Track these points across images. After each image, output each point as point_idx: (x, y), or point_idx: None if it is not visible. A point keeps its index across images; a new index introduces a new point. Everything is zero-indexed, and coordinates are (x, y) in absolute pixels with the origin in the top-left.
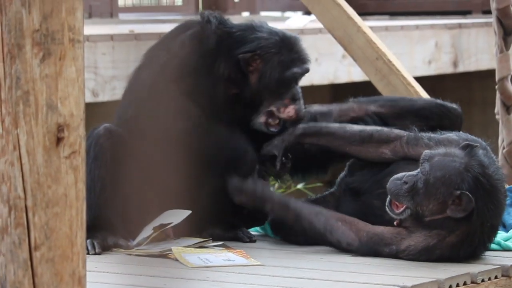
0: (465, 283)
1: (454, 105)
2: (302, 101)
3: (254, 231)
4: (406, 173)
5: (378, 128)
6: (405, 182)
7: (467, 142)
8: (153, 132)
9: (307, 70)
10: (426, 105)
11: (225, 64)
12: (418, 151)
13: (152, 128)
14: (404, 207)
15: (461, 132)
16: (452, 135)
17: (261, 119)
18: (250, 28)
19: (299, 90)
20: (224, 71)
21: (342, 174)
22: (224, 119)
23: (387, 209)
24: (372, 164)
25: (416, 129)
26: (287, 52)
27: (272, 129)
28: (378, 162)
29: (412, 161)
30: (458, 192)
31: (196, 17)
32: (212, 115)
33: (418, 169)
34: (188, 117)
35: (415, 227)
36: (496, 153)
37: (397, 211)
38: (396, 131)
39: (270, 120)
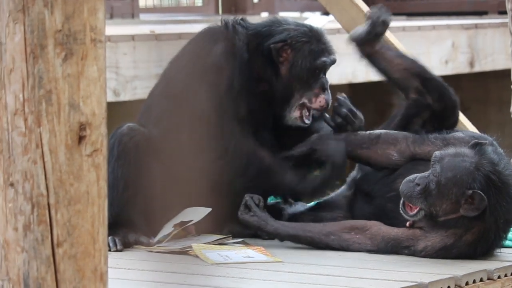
0: (481, 280)
1: (454, 96)
2: (329, 91)
3: None
4: (418, 174)
5: (385, 130)
6: (417, 184)
7: (476, 140)
8: (181, 131)
9: (334, 60)
10: (434, 80)
11: (255, 63)
12: (425, 149)
13: (181, 127)
14: (417, 208)
15: (466, 130)
16: (458, 133)
17: (295, 113)
18: (275, 23)
19: (328, 80)
20: (254, 69)
21: (352, 174)
22: (254, 120)
23: (401, 211)
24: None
25: (423, 131)
26: (316, 42)
27: (306, 121)
28: (386, 165)
29: (420, 162)
30: (470, 191)
31: (218, 23)
32: (243, 115)
33: (430, 171)
34: (217, 118)
35: (430, 227)
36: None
37: (411, 213)
38: (403, 132)
39: (303, 112)
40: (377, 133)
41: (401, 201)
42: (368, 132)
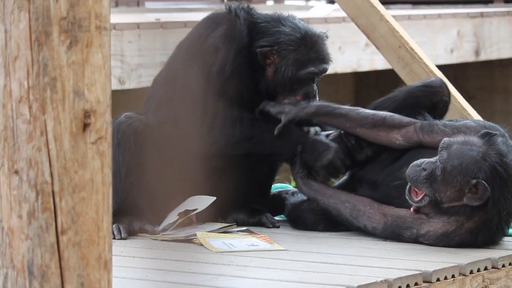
0: (486, 268)
1: (432, 79)
2: (316, 99)
3: (278, 217)
4: (425, 159)
5: (391, 113)
6: (424, 169)
7: (486, 130)
8: (182, 119)
9: (324, 70)
10: (408, 93)
11: (249, 55)
12: (434, 137)
13: (182, 115)
14: (423, 194)
15: (480, 119)
16: (469, 121)
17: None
18: (275, 20)
19: (315, 88)
20: (251, 55)
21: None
22: (240, 102)
23: (406, 196)
24: (382, 155)
25: (429, 117)
26: (306, 51)
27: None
28: (387, 148)
29: (426, 149)
30: (475, 181)
31: (223, 9)
32: (242, 104)
33: (437, 156)
34: (219, 106)
35: (434, 213)
36: None
37: (416, 199)
38: (409, 118)
39: None
40: (382, 115)
41: (407, 186)
42: (372, 112)
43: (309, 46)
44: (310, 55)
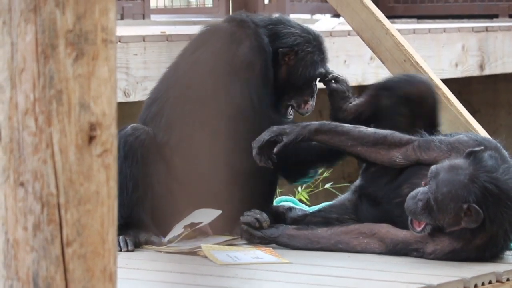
0: (490, 282)
1: (422, 78)
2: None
3: None
4: (419, 189)
5: (393, 131)
6: (420, 200)
7: (470, 149)
8: (206, 132)
9: (328, 70)
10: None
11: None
12: (431, 155)
13: (207, 129)
14: (424, 224)
15: (471, 132)
16: (462, 137)
17: (281, 110)
18: (279, 22)
19: (317, 86)
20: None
21: (356, 182)
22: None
23: (409, 228)
24: (384, 171)
25: (426, 133)
26: (318, 52)
27: (289, 117)
28: (388, 166)
29: (424, 167)
30: (466, 205)
31: (234, 23)
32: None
33: (428, 186)
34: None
35: (438, 233)
36: None
37: (419, 229)
38: (408, 136)
39: (288, 111)
40: (384, 133)
41: (409, 218)
42: (373, 130)
43: (319, 47)
44: (320, 56)
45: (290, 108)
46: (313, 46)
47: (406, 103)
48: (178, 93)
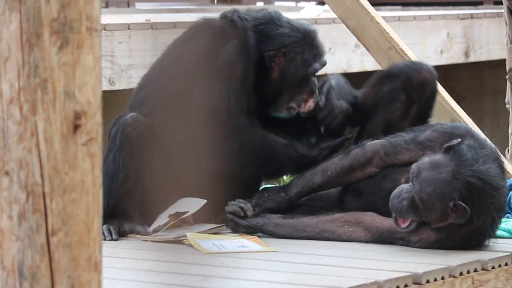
0: (475, 270)
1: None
2: (317, 92)
3: None
4: (402, 187)
5: (352, 152)
6: (404, 199)
7: (447, 144)
8: (185, 127)
9: (325, 63)
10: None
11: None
12: (403, 157)
13: (186, 123)
14: (409, 221)
15: (438, 123)
16: (430, 132)
17: (282, 113)
18: (270, 22)
19: (316, 81)
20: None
21: None
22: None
23: (394, 224)
24: None
25: (389, 136)
26: (309, 49)
27: (292, 113)
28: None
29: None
30: (452, 203)
31: (216, 17)
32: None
33: (412, 184)
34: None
35: (424, 224)
36: (506, 142)
37: (404, 225)
38: (370, 147)
39: (290, 112)
40: (347, 163)
41: (393, 215)
42: (338, 164)
43: (310, 44)
44: (313, 52)
45: (291, 110)
46: (302, 45)
47: (406, 88)
48: (163, 83)
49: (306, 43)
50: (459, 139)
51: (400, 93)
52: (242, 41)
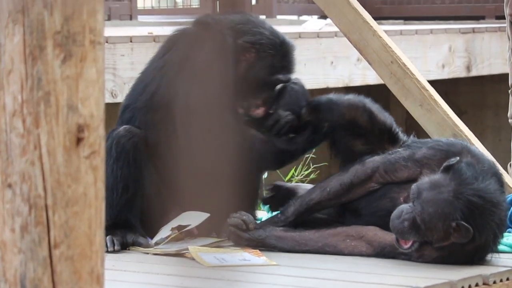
0: (477, 285)
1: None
2: (275, 107)
3: None
4: (402, 208)
5: (352, 169)
6: (405, 220)
7: (446, 164)
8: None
9: (289, 80)
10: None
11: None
12: (402, 175)
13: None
14: (411, 241)
15: (434, 140)
16: (424, 149)
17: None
18: (250, 22)
19: (274, 95)
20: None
21: None
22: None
23: (396, 245)
24: None
25: (385, 151)
26: (281, 58)
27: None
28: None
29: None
30: (454, 223)
31: (199, 26)
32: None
33: (412, 204)
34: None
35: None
36: (508, 156)
37: (406, 247)
38: (370, 164)
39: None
40: (347, 180)
41: (395, 237)
42: (338, 181)
43: (284, 54)
44: (283, 63)
45: (240, 110)
46: (277, 50)
47: (344, 129)
48: (147, 98)
49: (281, 51)
50: (457, 158)
51: (346, 134)
52: (218, 40)
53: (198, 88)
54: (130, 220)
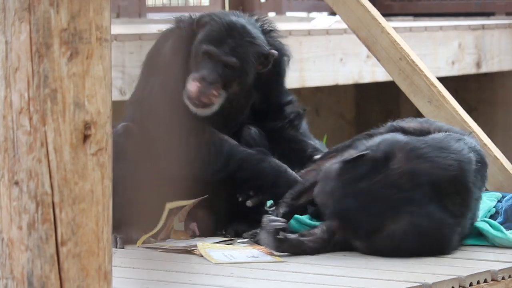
0: (485, 281)
1: None
2: (209, 84)
3: None
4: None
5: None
6: None
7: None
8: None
9: (218, 55)
10: None
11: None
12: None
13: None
14: None
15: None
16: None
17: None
18: (216, 15)
19: (210, 72)
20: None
21: None
22: None
23: None
24: None
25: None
26: (219, 32)
27: (193, 108)
28: None
29: None
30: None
31: (172, 24)
32: None
33: None
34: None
35: None
36: None
37: None
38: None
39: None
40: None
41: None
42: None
43: (228, 32)
44: (221, 38)
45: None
46: (220, 24)
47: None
48: (133, 94)
49: (225, 30)
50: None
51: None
52: (177, 38)
53: (157, 83)
54: (133, 218)
